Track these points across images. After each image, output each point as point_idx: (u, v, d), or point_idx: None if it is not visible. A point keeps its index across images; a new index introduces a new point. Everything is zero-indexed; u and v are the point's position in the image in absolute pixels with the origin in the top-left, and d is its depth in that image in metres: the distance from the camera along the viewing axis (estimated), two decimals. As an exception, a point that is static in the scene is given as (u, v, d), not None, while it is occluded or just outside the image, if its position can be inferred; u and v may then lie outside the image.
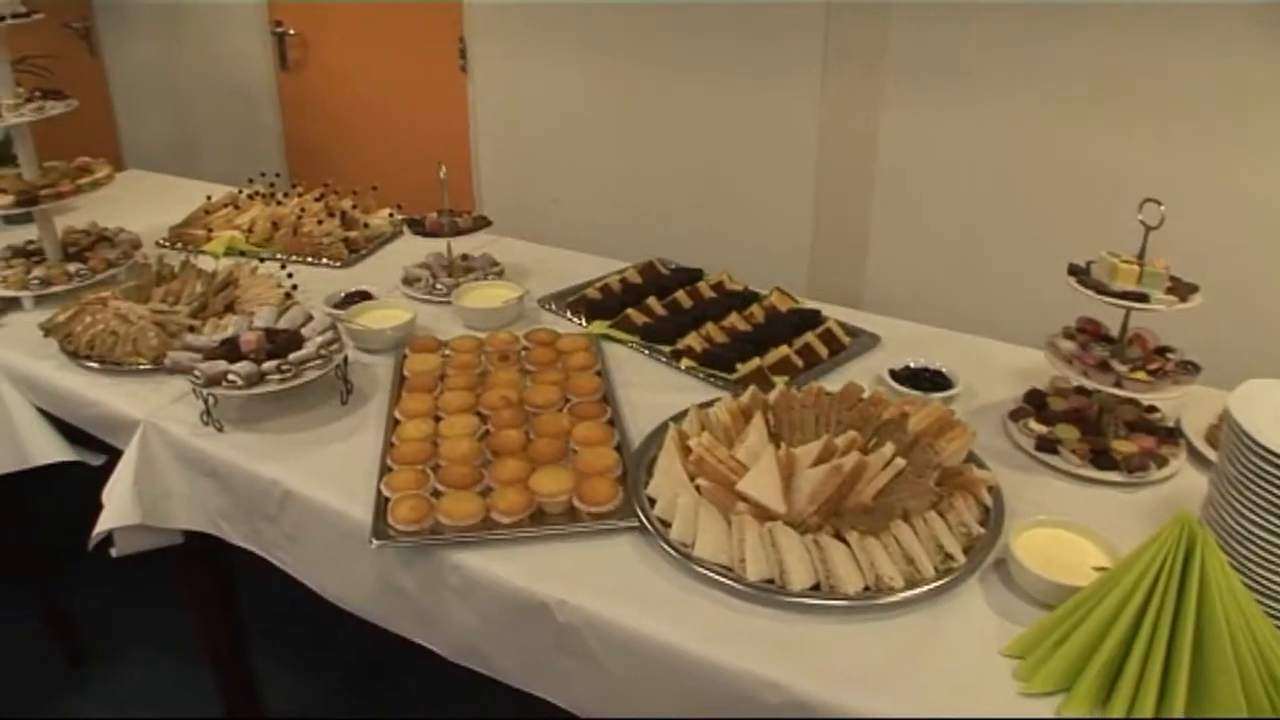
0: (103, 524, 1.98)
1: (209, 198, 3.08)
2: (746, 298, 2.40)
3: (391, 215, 2.89)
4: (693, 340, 2.18)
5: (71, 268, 2.59)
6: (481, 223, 2.47)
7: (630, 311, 2.28)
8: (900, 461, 1.61)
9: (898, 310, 2.42)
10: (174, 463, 1.99)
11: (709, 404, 1.86)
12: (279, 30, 4.45)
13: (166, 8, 4.91)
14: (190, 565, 2.22)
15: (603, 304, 2.36)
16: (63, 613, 3.09)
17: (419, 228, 2.45)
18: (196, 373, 1.88)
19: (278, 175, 3.12)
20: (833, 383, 1.94)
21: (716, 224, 3.52)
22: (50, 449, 2.36)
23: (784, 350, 2.14)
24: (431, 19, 3.91)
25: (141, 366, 2.17)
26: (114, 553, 2.02)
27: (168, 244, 2.90)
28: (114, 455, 2.17)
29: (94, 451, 2.35)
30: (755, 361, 2.09)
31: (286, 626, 2.90)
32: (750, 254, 3.27)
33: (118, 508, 1.98)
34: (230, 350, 1.95)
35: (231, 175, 3.72)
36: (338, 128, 4.44)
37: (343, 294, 2.38)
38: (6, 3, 2.50)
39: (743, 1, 3.27)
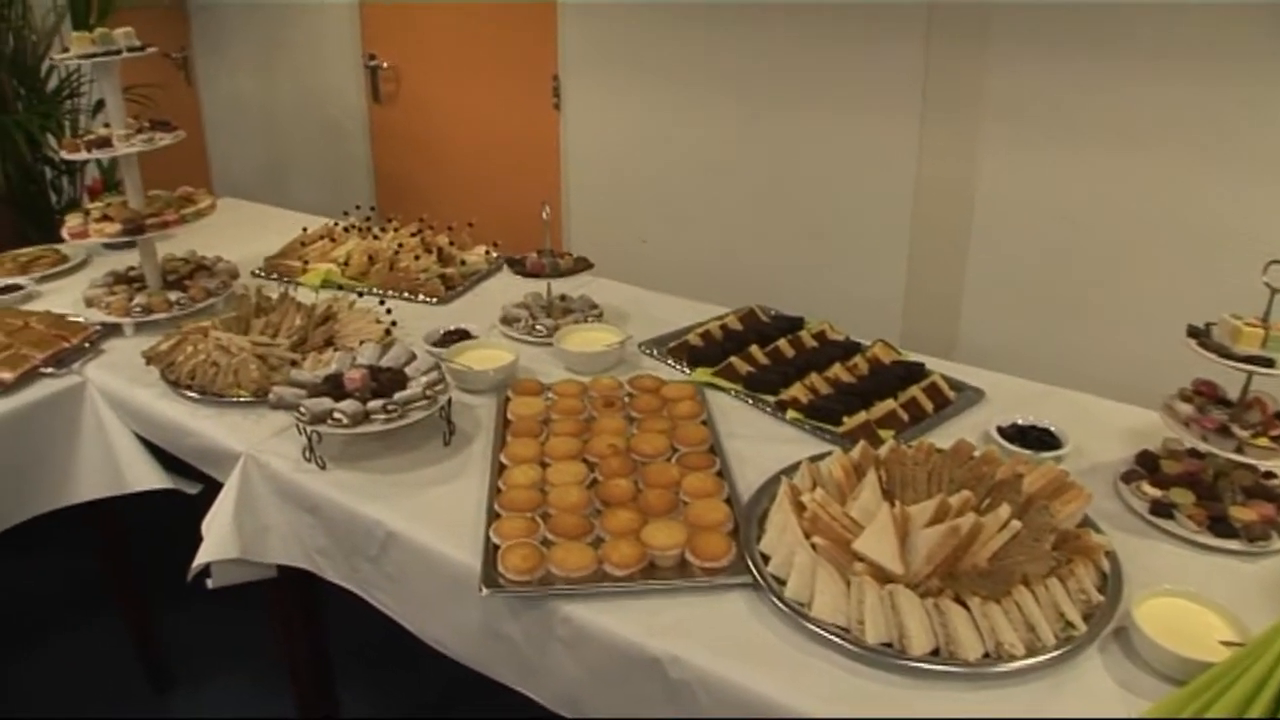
0: (202, 556, 1.98)
1: (305, 229, 3.11)
2: (849, 348, 2.36)
3: (488, 252, 2.89)
4: (798, 391, 2.14)
5: (172, 296, 2.61)
6: (583, 265, 2.45)
7: (734, 360, 2.25)
8: (1016, 524, 1.57)
9: (992, 361, 2.36)
10: (273, 497, 1.98)
11: (819, 457, 1.82)
12: (372, 63, 4.49)
13: (262, 40, 4.99)
14: (281, 596, 2.21)
15: (705, 351, 2.33)
16: (150, 635, 3.11)
17: (519, 267, 2.44)
18: (301, 409, 1.87)
19: (373, 209, 3.13)
20: (939, 438, 1.91)
21: (806, 266, 3.49)
22: (148, 476, 2.38)
23: (890, 404, 2.10)
24: (526, 56, 3.92)
25: (242, 398, 2.17)
26: (210, 584, 2.01)
27: (263, 274, 2.92)
28: (209, 484, 2.18)
29: (189, 480, 2.37)
30: (861, 415, 2.05)
31: (372, 655, 2.89)
32: (841, 297, 3.23)
33: (217, 541, 1.98)
34: (334, 387, 1.94)
35: (320, 205, 3.77)
36: (428, 162, 4.46)
37: (442, 331, 2.37)
38: (123, 37, 2.54)
39: (840, 44, 3.24)
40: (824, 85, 3.32)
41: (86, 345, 2.54)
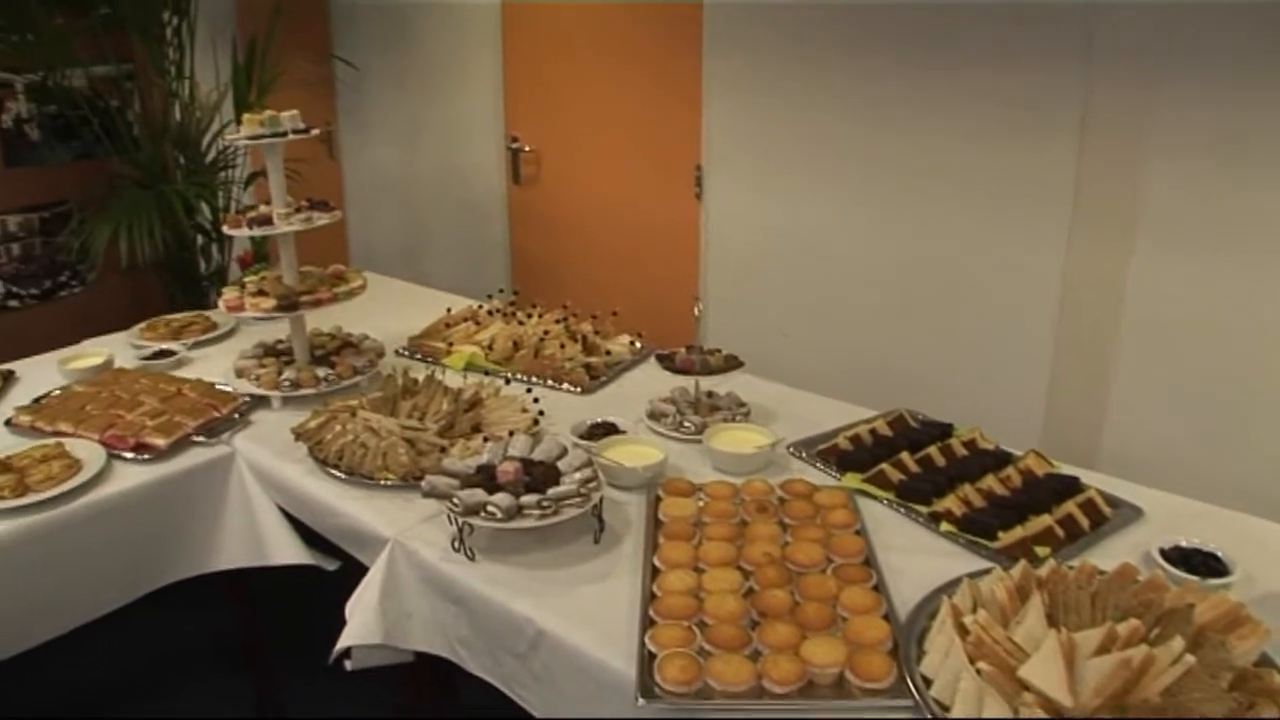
0: (345, 640, 1.97)
1: (448, 310, 3.14)
2: (1000, 458, 2.30)
3: (632, 343, 2.88)
4: (951, 502, 2.08)
5: (320, 372, 2.65)
6: (733, 364, 2.43)
7: (885, 466, 2.20)
8: (1190, 659, 1.48)
9: (1140, 473, 2.27)
10: (419, 585, 1.97)
11: (978, 574, 1.77)
12: (514, 145, 4.56)
13: (407, 117, 5.12)
14: (416, 680, 2.19)
15: (854, 456, 2.28)
16: (274, 701, 3.13)
17: (669, 363, 2.42)
18: (455, 501, 1.86)
19: (515, 293, 3.15)
20: (1096, 557, 1.84)
21: (945, 366, 3.42)
22: (289, 550, 2.40)
23: (1045, 519, 2.02)
24: (670, 144, 3.95)
25: (389, 482, 2.17)
26: (349, 666, 2.00)
27: (407, 353, 2.95)
28: (347, 562, 2.18)
29: (328, 556, 2.38)
30: (1018, 530, 1.99)
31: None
32: (980, 399, 3.16)
33: (361, 624, 1.97)
34: (487, 479, 1.93)
35: (455, 283, 3.81)
36: (565, 245, 4.50)
37: (588, 424, 2.35)
38: (289, 119, 2.62)
39: (988, 140, 3.20)
40: (970, 183, 3.27)
41: (236, 416, 2.59)
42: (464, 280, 4.06)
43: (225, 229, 2.68)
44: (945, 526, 2.03)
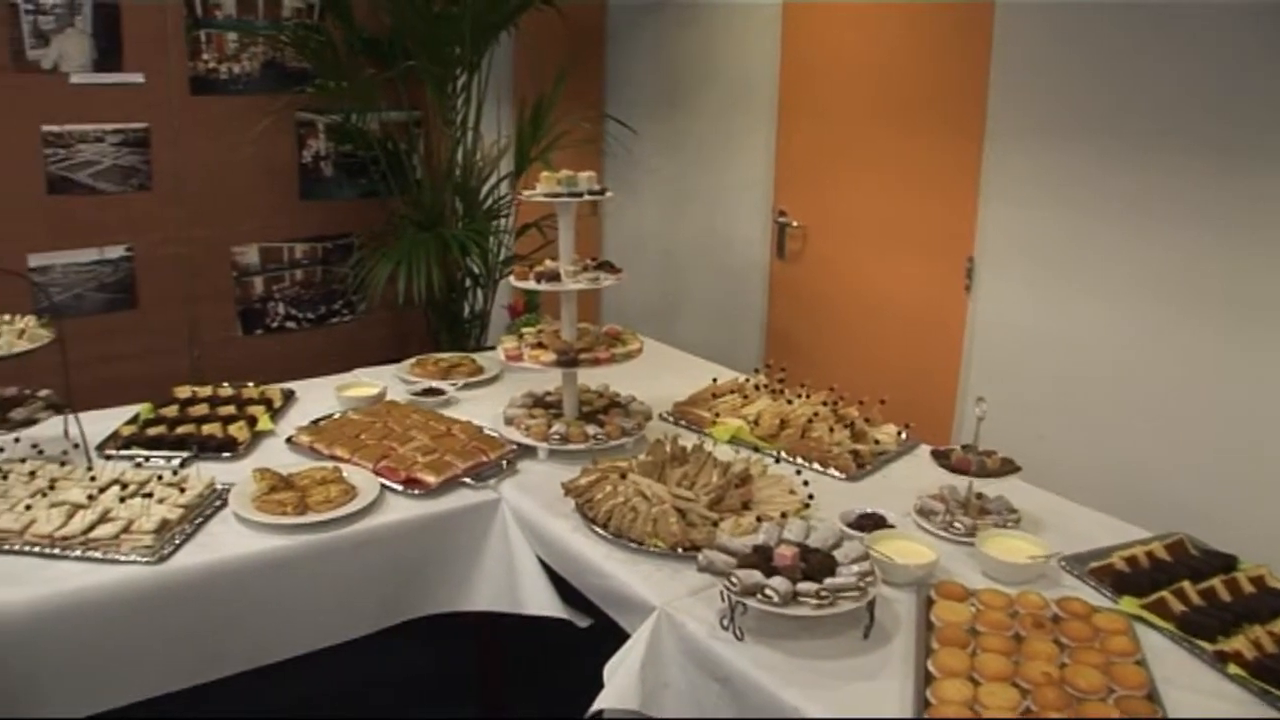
0: (602, 701, 1.98)
1: (714, 380, 3.16)
2: (1294, 602, 2.15)
3: (899, 434, 2.83)
4: (1240, 644, 1.95)
5: (590, 429, 2.70)
6: (1010, 468, 2.37)
7: (1165, 594, 2.09)
8: None
9: None
10: (681, 657, 1.98)
11: (1274, 728, 1.65)
12: (781, 220, 4.56)
13: (674, 181, 5.21)
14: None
15: (1131, 579, 2.17)
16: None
17: (943, 460, 2.37)
18: (733, 579, 1.86)
19: (784, 369, 3.14)
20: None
21: (1222, 489, 3.22)
22: (544, 601, 2.44)
23: (1344, 676, 1.88)
24: (942, 233, 3.87)
25: (657, 548, 2.19)
26: (600, 730, 2.02)
27: (671, 418, 2.99)
28: (599, 620, 2.21)
29: (580, 613, 2.41)
30: (1315, 684, 1.85)
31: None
32: (1261, 527, 2.96)
33: (619, 689, 1.98)
34: (763, 560, 1.92)
35: (706, 349, 3.85)
36: (823, 324, 4.46)
37: (857, 514, 2.32)
38: (586, 180, 2.70)
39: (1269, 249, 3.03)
40: (1251, 294, 3.09)
41: (503, 464, 2.66)
42: (716, 348, 4.07)
43: (513, 280, 2.77)
44: (1234, 669, 1.91)
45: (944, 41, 3.87)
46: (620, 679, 2.00)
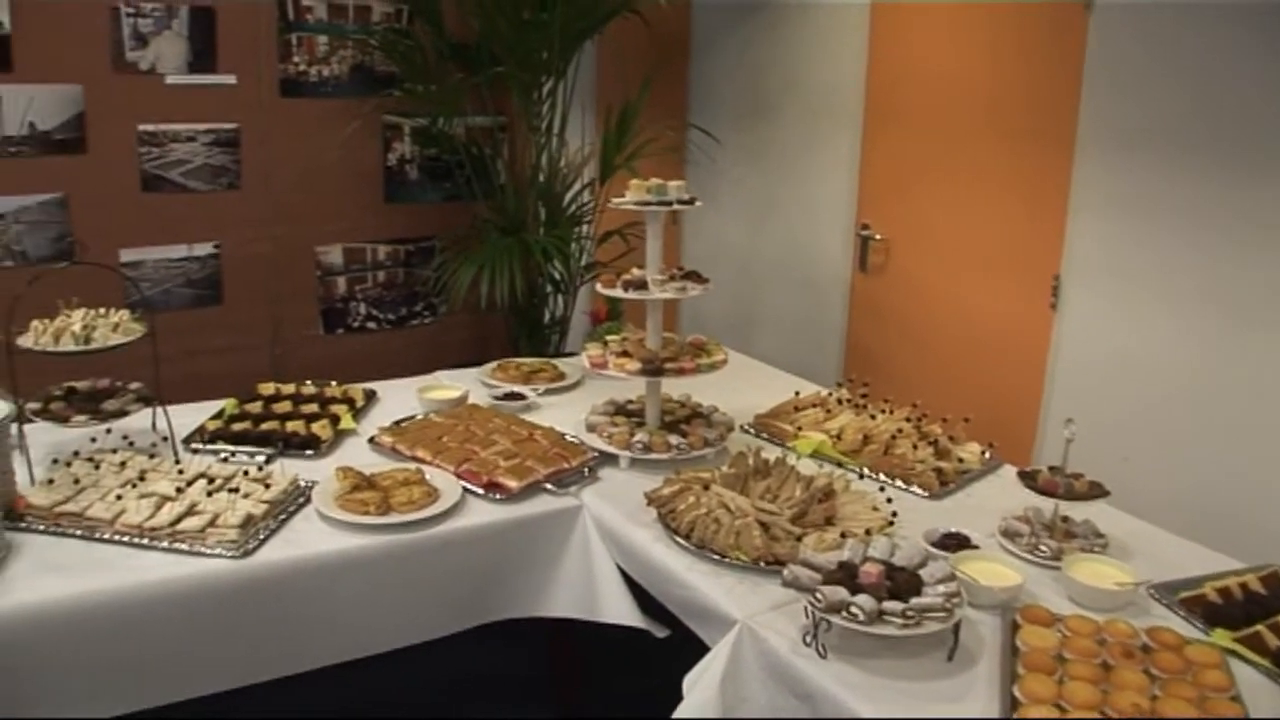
0: (682, 712, 1.99)
1: (797, 393, 3.15)
2: (1393, 640, 2.09)
3: (983, 453, 2.80)
4: (1338, 683, 1.91)
5: (673, 439, 2.71)
6: (1098, 491, 2.33)
7: (1261, 629, 2.04)
8: None
9: None
10: (761, 673, 1.97)
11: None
12: (864, 233, 4.52)
13: (756, 192, 5.19)
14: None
15: (1224, 610, 2.12)
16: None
17: (1030, 481, 2.34)
18: (818, 595, 1.86)
19: (866, 384, 3.12)
20: None
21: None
22: (623, 611, 2.45)
23: None
24: (1028, 248, 3.81)
25: (740, 561, 2.19)
26: (678, 740, 2.02)
27: (753, 431, 2.98)
28: (677, 631, 2.20)
29: (659, 623, 2.41)
30: None
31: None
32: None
33: (698, 702, 1.98)
34: (848, 577, 1.91)
35: (783, 361, 3.83)
36: (904, 340, 4.42)
37: (941, 533, 2.30)
38: (675, 189, 2.71)
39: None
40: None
41: (585, 471, 2.67)
42: (794, 360, 4.03)
43: (599, 287, 2.79)
44: (1331, 708, 1.86)
45: (1035, 44, 3.79)
46: (700, 692, 2.00)
